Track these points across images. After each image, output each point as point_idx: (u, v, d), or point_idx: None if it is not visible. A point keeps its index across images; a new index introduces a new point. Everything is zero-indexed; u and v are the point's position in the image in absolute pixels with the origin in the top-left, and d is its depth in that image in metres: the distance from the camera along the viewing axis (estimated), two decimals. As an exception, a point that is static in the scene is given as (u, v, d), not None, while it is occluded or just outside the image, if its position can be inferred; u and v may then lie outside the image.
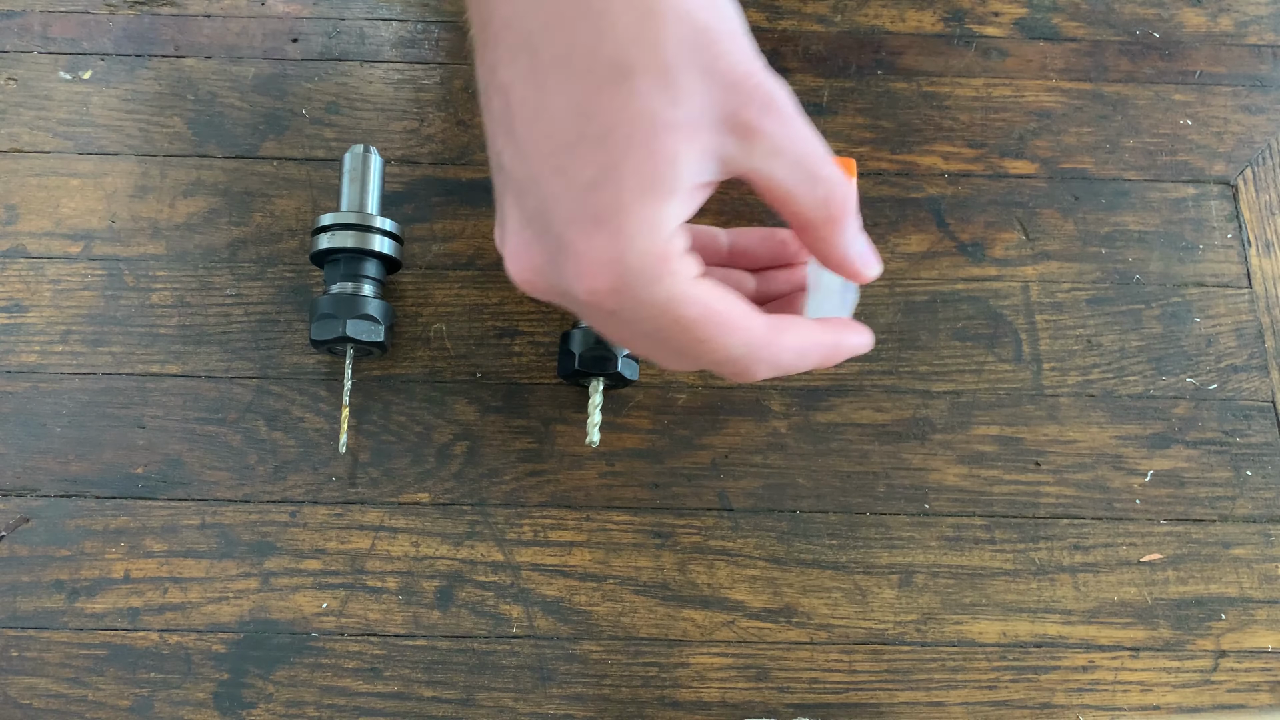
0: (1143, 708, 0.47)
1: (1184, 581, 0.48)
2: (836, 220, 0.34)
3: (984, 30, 0.58)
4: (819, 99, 0.56)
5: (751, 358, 0.35)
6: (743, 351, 0.35)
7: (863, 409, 0.51)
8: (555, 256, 0.33)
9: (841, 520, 0.49)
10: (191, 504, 0.48)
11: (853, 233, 0.35)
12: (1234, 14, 0.59)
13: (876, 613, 0.48)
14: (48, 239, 0.52)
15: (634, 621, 0.47)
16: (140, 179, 0.54)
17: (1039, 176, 0.55)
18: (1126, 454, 0.50)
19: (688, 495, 0.49)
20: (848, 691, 0.46)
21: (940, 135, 0.56)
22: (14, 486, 0.48)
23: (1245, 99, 0.57)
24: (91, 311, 0.51)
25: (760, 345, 0.34)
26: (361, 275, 0.49)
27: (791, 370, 0.36)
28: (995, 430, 0.50)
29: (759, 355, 0.35)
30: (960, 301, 0.53)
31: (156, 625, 0.47)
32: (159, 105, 0.55)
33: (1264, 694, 0.47)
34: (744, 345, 0.34)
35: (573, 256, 0.32)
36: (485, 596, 0.47)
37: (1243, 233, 0.54)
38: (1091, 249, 0.54)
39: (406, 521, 0.48)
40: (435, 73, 0.56)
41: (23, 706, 0.45)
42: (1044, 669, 0.47)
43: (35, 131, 0.54)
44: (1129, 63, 0.57)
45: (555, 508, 0.49)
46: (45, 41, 0.56)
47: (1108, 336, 0.52)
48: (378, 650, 0.46)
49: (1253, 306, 0.53)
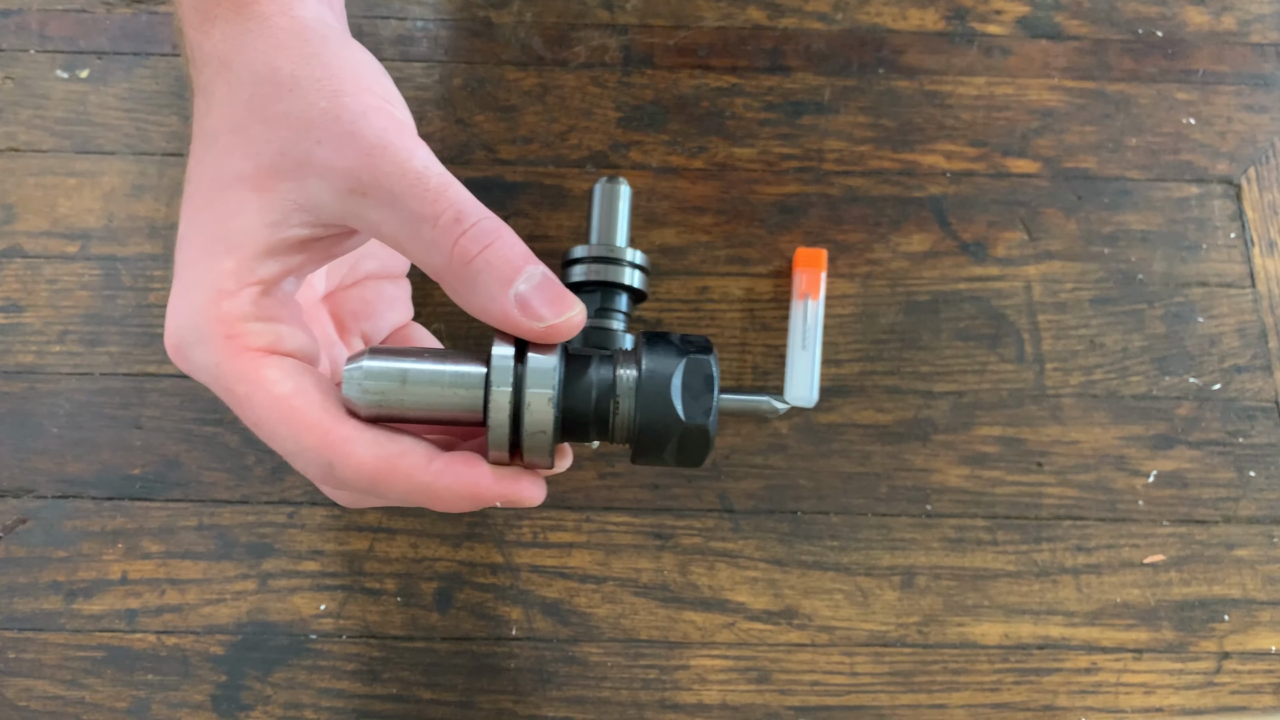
0: (1145, 710, 0.46)
1: (1187, 583, 0.48)
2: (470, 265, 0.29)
3: (986, 28, 0.58)
4: (820, 97, 0.56)
5: (307, 459, 0.30)
6: (294, 449, 0.30)
7: (864, 409, 0.50)
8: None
9: (843, 521, 0.49)
10: (189, 505, 0.48)
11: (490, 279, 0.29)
12: (1237, 12, 0.59)
13: (878, 614, 0.47)
14: (45, 238, 0.52)
15: (634, 623, 0.47)
16: (137, 178, 0.53)
17: (1041, 176, 0.55)
18: (1129, 455, 0.50)
19: (688, 496, 0.49)
20: (849, 694, 0.46)
21: (942, 134, 0.55)
22: (11, 487, 0.48)
23: (1248, 98, 0.57)
24: (88, 311, 0.51)
25: (315, 449, 0.29)
26: (360, 275, 0.48)
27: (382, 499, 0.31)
28: (997, 431, 0.50)
29: (313, 459, 0.29)
30: (962, 301, 0.52)
31: (154, 627, 0.46)
32: (156, 104, 0.55)
33: (1267, 696, 0.47)
34: (294, 443, 0.29)
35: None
36: (484, 598, 0.47)
37: (1246, 232, 0.54)
38: (1094, 248, 0.53)
39: (405, 523, 0.48)
40: (434, 71, 0.56)
41: (20, 708, 0.45)
42: (1046, 671, 0.47)
43: (32, 130, 0.54)
44: (1132, 61, 0.57)
45: (555, 509, 0.49)
46: (42, 40, 0.56)
47: (1110, 336, 0.52)
48: (376, 652, 0.46)
49: (1256, 306, 0.53)
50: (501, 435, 0.31)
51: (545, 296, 0.29)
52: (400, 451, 0.30)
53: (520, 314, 0.29)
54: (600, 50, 0.56)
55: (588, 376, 0.32)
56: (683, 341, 0.33)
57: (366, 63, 0.32)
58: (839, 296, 0.52)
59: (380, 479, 0.30)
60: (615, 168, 0.54)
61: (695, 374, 0.32)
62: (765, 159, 0.55)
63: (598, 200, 0.49)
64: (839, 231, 0.53)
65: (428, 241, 0.29)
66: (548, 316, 0.29)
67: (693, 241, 0.53)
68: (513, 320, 0.29)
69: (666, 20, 0.57)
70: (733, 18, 0.58)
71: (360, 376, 0.31)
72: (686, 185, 0.54)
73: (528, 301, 0.29)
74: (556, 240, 0.52)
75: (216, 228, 0.30)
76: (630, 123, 0.55)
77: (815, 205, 0.54)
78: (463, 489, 0.30)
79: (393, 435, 0.30)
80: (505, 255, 0.29)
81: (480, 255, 0.29)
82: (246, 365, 0.29)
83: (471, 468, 0.30)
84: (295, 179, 0.29)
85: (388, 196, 0.29)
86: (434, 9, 0.58)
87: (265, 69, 0.30)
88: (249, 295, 0.30)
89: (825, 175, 0.54)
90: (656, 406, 0.32)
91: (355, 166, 0.29)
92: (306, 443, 0.29)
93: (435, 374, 0.31)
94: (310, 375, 0.30)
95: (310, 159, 0.29)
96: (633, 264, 0.48)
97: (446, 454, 0.30)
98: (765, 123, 0.55)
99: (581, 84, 0.56)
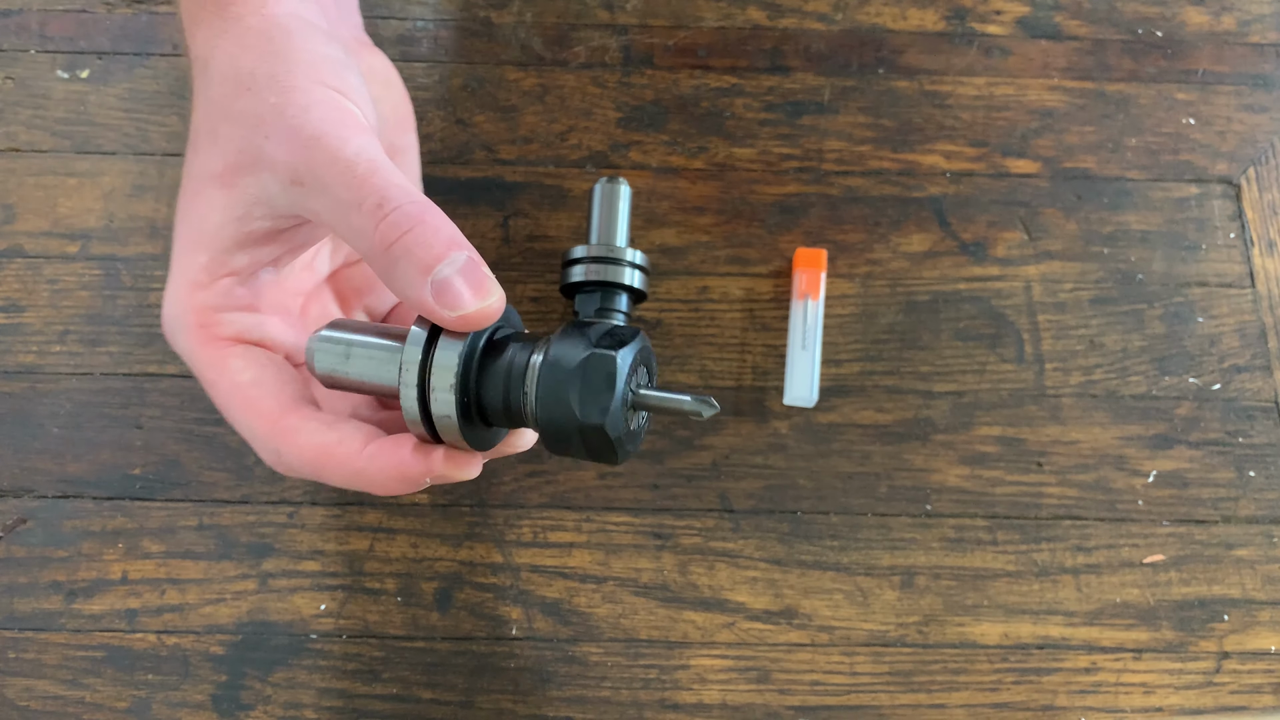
0: (1145, 709, 0.46)
1: (1187, 583, 0.48)
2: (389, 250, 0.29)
3: (986, 29, 0.58)
4: (820, 98, 0.56)
5: (260, 446, 0.32)
6: (249, 435, 0.32)
7: (864, 409, 0.50)
8: None
9: (843, 521, 0.49)
10: (189, 505, 0.48)
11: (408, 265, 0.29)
12: (1237, 13, 0.59)
13: (878, 614, 0.47)
14: (45, 238, 0.52)
15: (634, 623, 0.47)
16: (138, 178, 0.53)
17: (1041, 176, 0.55)
18: (1129, 455, 0.50)
19: (688, 496, 0.49)
20: (849, 694, 0.46)
21: (942, 134, 0.55)
22: (11, 487, 0.48)
23: (1248, 98, 0.57)
24: (89, 311, 0.51)
25: (264, 436, 0.31)
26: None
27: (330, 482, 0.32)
28: (997, 431, 0.50)
29: (262, 445, 0.31)
30: (962, 301, 0.52)
31: (154, 627, 0.46)
32: (157, 104, 0.55)
33: (1267, 696, 0.47)
34: (249, 430, 0.32)
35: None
36: (484, 598, 0.47)
37: (1245, 232, 0.54)
38: (1094, 248, 0.53)
39: (405, 522, 0.48)
40: (434, 71, 0.56)
41: (20, 708, 0.45)
42: (1046, 671, 0.47)
43: (32, 130, 0.54)
44: (1131, 61, 0.57)
45: (555, 509, 0.49)
46: (43, 40, 0.56)
47: (1110, 336, 0.52)
48: (376, 652, 0.46)
49: (1256, 306, 0.53)
50: (414, 416, 0.31)
51: (461, 284, 0.29)
52: (338, 439, 0.31)
53: (435, 302, 0.29)
54: (600, 50, 0.56)
55: (499, 364, 0.32)
56: (602, 335, 0.31)
57: (327, 56, 0.32)
58: (839, 296, 0.52)
59: (320, 465, 0.31)
60: (615, 168, 0.54)
61: (597, 370, 0.30)
62: (765, 159, 0.55)
63: (598, 200, 0.49)
64: (839, 231, 0.53)
65: (355, 228, 0.29)
66: (461, 305, 0.29)
67: (693, 241, 0.53)
68: (429, 308, 0.29)
69: (666, 20, 0.57)
70: (733, 18, 0.58)
71: (314, 348, 0.33)
72: (686, 185, 0.54)
73: (443, 290, 0.29)
74: (556, 240, 0.53)
75: (194, 223, 0.31)
76: (630, 123, 0.55)
77: (815, 205, 0.54)
78: (391, 470, 0.31)
79: (333, 423, 0.31)
80: (425, 240, 0.29)
81: (399, 241, 0.29)
82: (214, 353, 0.31)
83: (398, 450, 0.31)
84: (252, 174, 0.30)
85: (321, 185, 0.29)
86: (434, 9, 0.58)
87: (230, 68, 0.31)
88: (222, 286, 0.31)
89: (825, 175, 0.54)
90: (553, 403, 0.31)
91: (294, 159, 0.30)
92: (258, 430, 0.31)
93: (373, 351, 0.32)
94: (270, 366, 0.32)
95: (262, 154, 0.30)
96: (633, 264, 0.48)
97: (379, 439, 0.31)
98: (765, 123, 0.55)
99: (581, 84, 0.56)
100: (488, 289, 0.29)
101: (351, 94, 0.32)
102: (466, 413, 0.32)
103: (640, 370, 0.32)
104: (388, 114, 0.37)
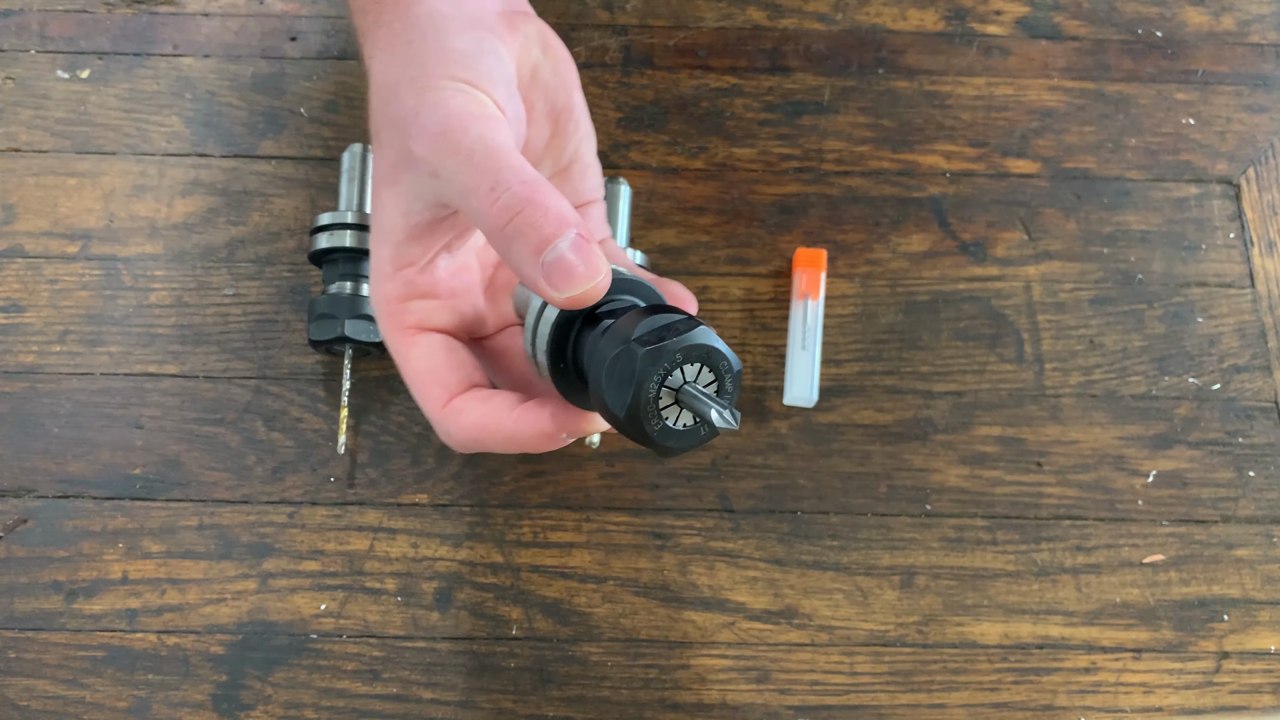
0: (1145, 709, 0.46)
1: (1186, 583, 0.48)
2: (504, 231, 0.30)
3: (986, 29, 0.58)
4: (820, 98, 0.56)
5: (436, 428, 0.35)
6: (428, 417, 0.35)
7: (864, 409, 0.50)
8: None
9: (843, 521, 0.49)
10: (189, 505, 0.48)
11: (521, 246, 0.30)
12: (1236, 13, 0.59)
13: (878, 614, 0.47)
14: (45, 238, 0.52)
15: (634, 623, 0.47)
16: (138, 178, 0.53)
17: (1041, 176, 0.55)
18: (1129, 455, 0.50)
19: (688, 496, 0.49)
20: (849, 693, 0.46)
21: (942, 134, 0.55)
22: (11, 487, 0.48)
23: (1248, 98, 0.57)
24: (89, 311, 0.51)
25: (437, 420, 0.35)
26: (360, 274, 0.48)
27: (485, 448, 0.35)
28: (997, 431, 0.50)
29: (438, 426, 0.35)
30: (962, 301, 0.52)
31: (155, 626, 0.46)
32: (157, 104, 0.55)
33: (1267, 695, 0.47)
34: (426, 412, 0.35)
35: None
36: (484, 598, 0.47)
37: (1245, 232, 0.54)
38: (1094, 249, 0.53)
39: (405, 522, 0.48)
40: (434, 71, 0.56)
41: (20, 708, 0.45)
42: (1046, 671, 0.47)
43: (33, 130, 0.54)
44: (1131, 62, 0.57)
45: (555, 509, 0.49)
46: (43, 40, 0.56)
47: (1110, 336, 0.52)
48: (376, 652, 0.46)
49: (1255, 306, 0.53)
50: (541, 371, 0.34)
51: (570, 264, 0.30)
52: (489, 410, 0.34)
53: (546, 283, 0.30)
54: (600, 50, 0.56)
55: (588, 337, 0.33)
56: (653, 330, 0.31)
57: (460, 50, 0.34)
58: (839, 296, 0.52)
59: (480, 437, 0.34)
60: (615, 168, 0.54)
61: (624, 366, 0.30)
62: (765, 159, 0.55)
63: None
64: (839, 231, 0.53)
65: (477, 210, 0.31)
66: (569, 287, 0.30)
67: (693, 241, 0.53)
68: (541, 288, 0.31)
69: (666, 20, 0.57)
70: (733, 18, 0.58)
71: (514, 295, 0.37)
72: (686, 185, 0.54)
73: (552, 271, 0.30)
74: (556, 240, 0.52)
75: (376, 221, 0.35)
76: (630, 123, 0.55)
77: (815, 205, 0.54)
78: (533, 430, 0.33)
79: (488, 397, 0.34)
80: (535, 222, 0.30)
81: (511, 223, 0.30)
82: (401, 341, 0.35)
83: (536, 411, 0.33)
84: (406, 172, 0.33)
85: (450, 175, 0.32)
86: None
87: (382, 76, 0.35)
88: (403, 277, 0.35)
89: (825, 175, 0.54)
90: (598, 390, 0.31)
91: (429, 155, 0.32)
92: (432, 413, 0.35)
93: (531, 300, 0.35)
94: (442, 353, 0.35)
95: (409, 154, 0.33)
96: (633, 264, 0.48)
97: (524, 404, 0.34)
98: (765, 123, 0.55)
99: (582, 84, 0.56)
100: (594, 268, 0.30)
101: (482, 82, 0.34)
102: (565, 376, 0.34)
103: (700, 369, 0.32)
104: (548, 78, 0.38)
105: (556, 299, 0.30)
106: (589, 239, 0.31)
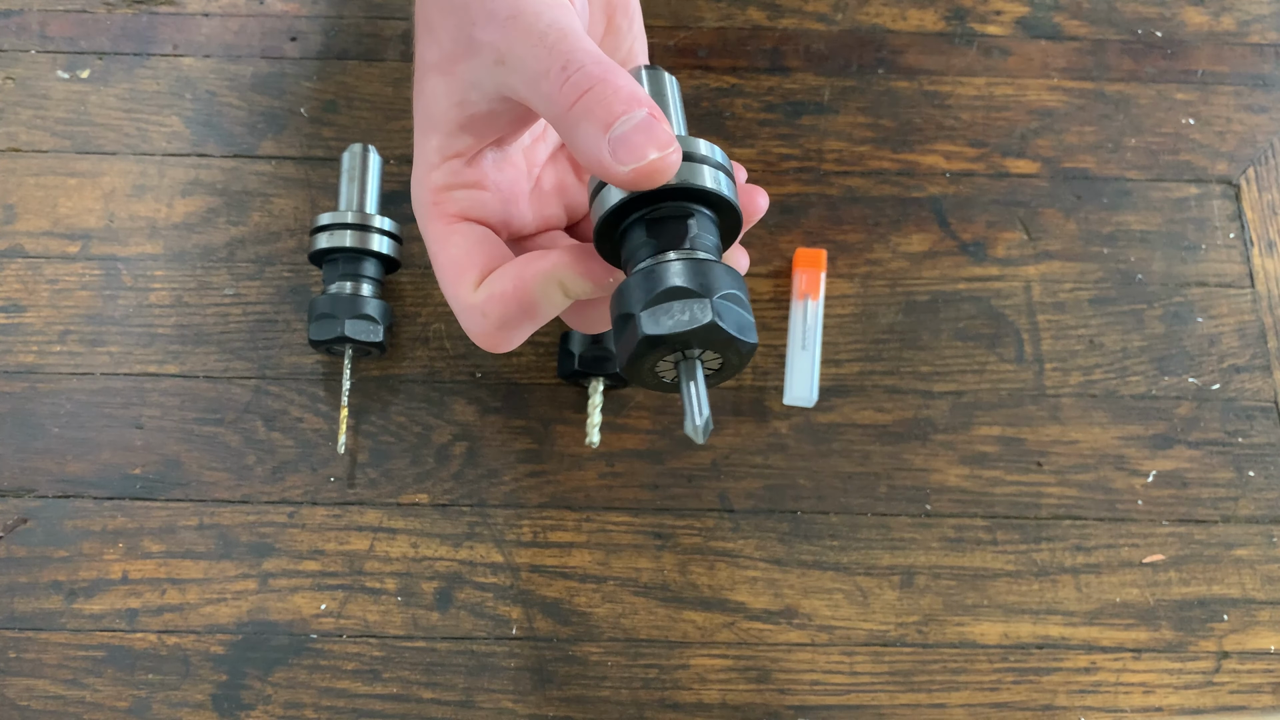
0: (1145, 709, 0.46)
1: (1186, 583, 0.48)
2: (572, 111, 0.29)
3: (986, 29, 0.58)
4: (820, 98, 0.56)
5: (465, 314, 0.34)
6: (455, 308, 0.34)
7: (864, 409, 0.50)
8: None
9: (843, 521, 0.49)
10: (190, 505, 0.48)
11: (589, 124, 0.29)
12: (1236, 13, 0.59)
13: (878, 614, 0.47)
14: (45, 238, 0.52)
15: (634, 623, 0.47)
16: (138, 178, 0.53)
17: (1041, 176, 0.55)
18: (1129, 455, 0.50)
19: (688, 496, 0.49)
20: (849, 693, 0.46)
21: (942, 134, 0.55)
22: (12, 487, 0.48)
23: (1248, 98, 0.57)
24: (89, 311, 0.51)
25: (466, 305, 0.33)
26: (360, 275, 0.48)
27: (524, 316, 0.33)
28: (997, 431, 0.50)
29: (468, 313, 0.33)
30: (962, 301, 0.52)
31: (155, 626, 0.46)
32: (157, 104, 0.55)
33: (1266, 695, 0.47)
34: (453, 301, 0.34)
35: None
36: (484, 598, 0.47)
37: (1245, 232, 0.54)
38: (1093, 249, 0.53)
39: (405, 522, 0.48)
40: (434, 71, 0.56)
41: (20, 708, 0.45)
42: (1046, 670, 0.47)
43: (33, 130, 0.54)
44: (1131, 62, 0.57)
45: (555, 508, 0.49)
46: (43, 40, 0.56)
47: (1110, 336, 0.52)
48: (377, 652, 0.46)
49: (1255, 306, 0.53)
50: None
51: (639, 138, 0.29)
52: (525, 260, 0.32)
53: (612, 158, 0.29)
54: (600, 50, 0.56)
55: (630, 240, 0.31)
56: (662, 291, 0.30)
57: None
58: (839, 296, 0.52)
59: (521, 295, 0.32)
60: (615, 168, 0.54)
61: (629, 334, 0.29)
62: (765, 159, 0.55)
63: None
64: (839, 232, 0.53)
65: (544, 94, 0.30)
66: (635, 159, 0.29)
67: (692, 241, 0.53)
68: (606, 165, 0.29)
69: (666, 20, 0.57)
70: (733, 18, 0.58)
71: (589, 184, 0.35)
72: (686, 185, 0.54)
73: (619, 144, 0.29)
74: (556, 240, 0.53)
75: (424, 109, 0.34)
76: (630, 123, 0.55)
77: (815, 205, 0.54)
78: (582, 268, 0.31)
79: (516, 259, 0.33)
80: (605, 98, 0.29)
81: (580, 100, 0.29)
82: (441, 228, 0.34)
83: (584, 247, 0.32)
84: (465, 60, 0.32)
85: (518, 60, 0.31)
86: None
87: None
88: (451, 167, 0.34)
89: (825, 175, 0.54)
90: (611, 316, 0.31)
91: (496, 39, 0.31)
92: (461, 299, 0.33)
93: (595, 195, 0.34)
94: (484, 243, 0.33)
95: (471, 40, 0.32)
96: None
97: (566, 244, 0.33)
98: (765, 123, 0.55)
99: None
100: (664, 143, 0.29)
101: None
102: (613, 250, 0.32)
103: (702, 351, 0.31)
104: None
105: (622, 173, 0.29)
106: (660, 118, 0.29)
